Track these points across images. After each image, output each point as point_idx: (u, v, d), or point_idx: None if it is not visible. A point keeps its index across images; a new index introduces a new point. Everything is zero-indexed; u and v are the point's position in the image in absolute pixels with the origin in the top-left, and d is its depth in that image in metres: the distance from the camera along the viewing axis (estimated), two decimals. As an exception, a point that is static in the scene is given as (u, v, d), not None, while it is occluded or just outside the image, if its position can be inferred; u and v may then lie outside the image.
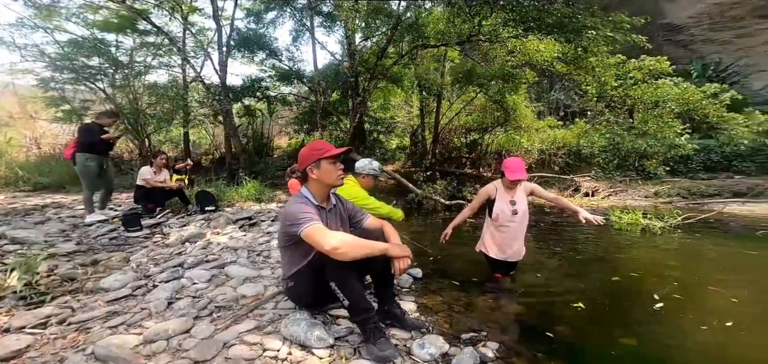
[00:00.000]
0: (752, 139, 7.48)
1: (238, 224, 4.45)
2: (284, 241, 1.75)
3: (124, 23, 9.23)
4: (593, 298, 2.56)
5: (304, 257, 1.69)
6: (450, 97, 11.36)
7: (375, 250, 1.59)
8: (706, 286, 2.80)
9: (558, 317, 2.28)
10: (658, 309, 2.36)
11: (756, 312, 2.39)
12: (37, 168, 7.95)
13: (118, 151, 10.67)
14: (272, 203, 6.93)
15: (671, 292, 2.65)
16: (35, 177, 7.49)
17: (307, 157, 1.78)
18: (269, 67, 11.79)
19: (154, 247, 3.38)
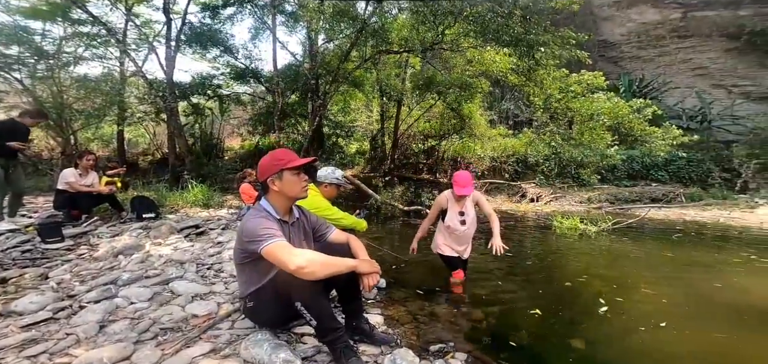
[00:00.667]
0: (668, 151, 8.59)
1: (184, 233, 4.06)
2: (241, 258, 1.59)
3: (55, 11, 8.12)
4: (548, 304, 2.68)
5: (265, 274, 1.55)
6: (410, 104, 11.55)
7: (343, 267, 1.51)
8: (639, 288, 3.08)
9: (517, 325, 2.36)
10: (603, 312, 2.54)
11: (683, 312, 2.67)
12: None
13: (35, 148, 9.29)
14: (222, 209, 6.48)
15: (613, 295, 2.88)
16: None
17: (268, 168, 1.63)
18: (223, 65, 11.10)
19: (80, 261, 2.94)
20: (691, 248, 5.09)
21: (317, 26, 9.75)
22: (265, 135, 12.18)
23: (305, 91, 10.88)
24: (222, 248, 3.48)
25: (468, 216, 3.01)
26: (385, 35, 8.34)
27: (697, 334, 2.30)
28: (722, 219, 7.87)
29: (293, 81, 10.52)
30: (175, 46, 9.17)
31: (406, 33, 8.76)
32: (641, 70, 16.52)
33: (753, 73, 14.45)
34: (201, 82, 10.65)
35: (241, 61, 10.75)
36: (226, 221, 4.95)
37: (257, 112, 11.98)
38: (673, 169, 11.21)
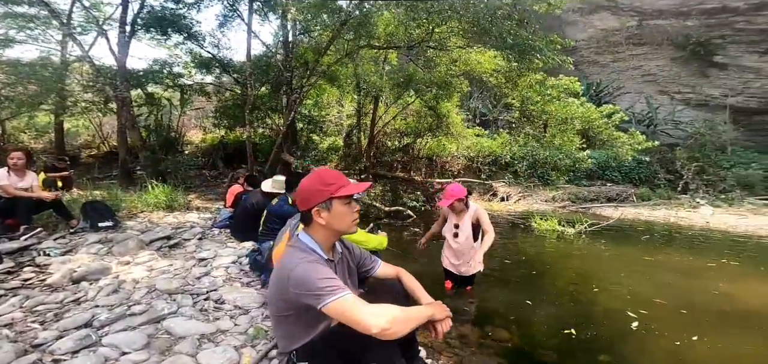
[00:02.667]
0: (633, 156, 9.23)
1: (154, 245, 3.51)
2: (283, 309, 1.25)
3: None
4: (569, 318, 2.62)
5: (313, 328, 1.24)
6: (387, 101, 11.31)
7: (423, 318, 1.26)
8: (652, 299, 3.12)
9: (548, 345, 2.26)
10: (635, 328, 2.51)
11: (705, 323, 2.69)
12: None
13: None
14: (190, 211, 5.84)
15: (630, 307, 2.87)
16: None
17: (313, 194, 1.29)
18: (186, 52, 10.09)
19: (29, 290, 2.37)
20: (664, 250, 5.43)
21: (295, 16, 9.17)
22: (232, 129, 11.32)
23: (277, 84, 10.24)
24: (208, 265, 3.03)
25: (462, 231, 3.00)
26: (369, 29, 8.02)
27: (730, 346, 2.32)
28: (672, 219, 8.57)
29: (264, 73, 9.84)
30: (130, 30, 8.12)
31: (391, 28, 8.47)
32: (597, 75, 17.66)
33: (693, 81, 16.01)
34: (158, 70, 9.60)
35: (207, 50, 9.86)
36: (200, 229, 4.41)
37: (223, 104, 11.08)
38: (624, 170, 12.11)
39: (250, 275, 2.93)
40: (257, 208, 3.76)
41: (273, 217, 3.14)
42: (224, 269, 2.98)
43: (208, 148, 11.53)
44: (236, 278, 2.84)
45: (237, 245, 3.68)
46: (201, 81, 11.30)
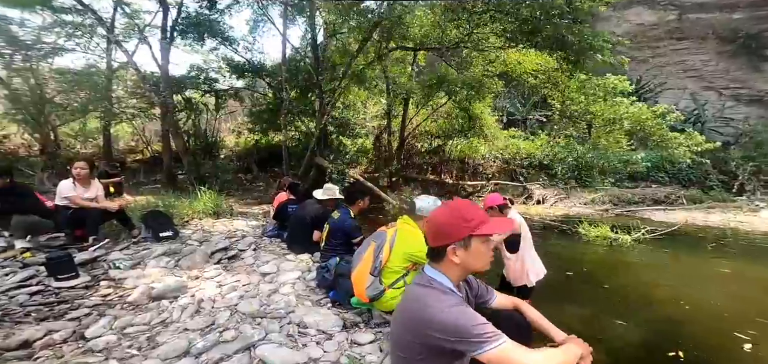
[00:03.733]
0: (692, 158, 8.63)
1: (214, 258, 3.52)
2: (419, 352, 1.15)
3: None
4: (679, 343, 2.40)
5: None
6: (418, 102, 11.17)
7: (575, 359, 1.17)
8: (754, 318, 2.83)
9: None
10: (749, 351, 2.28)
11: None
12: None
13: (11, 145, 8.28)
14: (234, 218, 5.88)
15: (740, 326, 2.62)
16: None
17: (451, 231, 1.18)
18: (220, 58, 10.32)
19: (108, 307, 2.39)
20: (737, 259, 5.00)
21: (328, 19, 9.19)
22: (265, 133, 11.50)
23: (306, 87, 10.30)
24: (273, 281, 2.99)
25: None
26: (402, 31, 7.91)
27: None
28: (732, 223, 7.98)
29: (294, 76, 9.92)
30: (170, 36, 8.36)
31: (427, 29, 8.32)
32: (635, 72, 16.78)
33: (744, 76, 14.94)
34: (195, 75, 9.86)
35: (240, 54, 10.05)
36: (252, 238, 4.40)
37: (257, 109, 11.28)
38: (672, 171, 11.38)
39: (318, 293, 2.86)
40: (313, 219, 3.71)
41: (337, 232, 3.07)
42: (291, 286, 2.92)
43: (242, 152, 11.74)
44: (305, 296, 2.77)
45: (294, 257, 3.64)
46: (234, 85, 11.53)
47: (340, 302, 2.58)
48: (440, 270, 1.22)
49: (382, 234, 2.24)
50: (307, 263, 3.43)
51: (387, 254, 2.13)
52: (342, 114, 12.76)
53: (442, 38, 7.84)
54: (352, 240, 3.12)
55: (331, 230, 3.09)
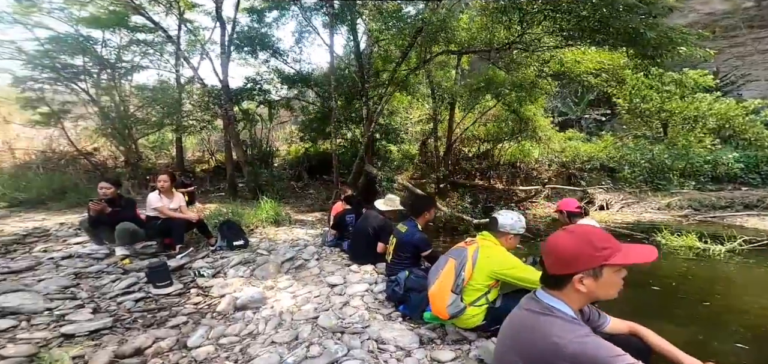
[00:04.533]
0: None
1: (284, 267, 3.68)
2: None
3: (115, 19, 8.08)
4: None
5: None
6: (464, 106, 10.92)
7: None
8: None
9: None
10: None
11: None
12: (13, 181, 6.68)
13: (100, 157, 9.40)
14: (293, 226, 6.12)
15: None
16: (11, 192, 6.25)
17: (580, 258, 1.11)
18: (271, 70, 10.89)
19: (203, 317, 2.57)
20: None
21: (372, 27, 9.33)
22: (315, 141, 11.90)
23: (351, 95, 10.51)
24: (343, 293, 3.05)
25: None
26: (447, 35, 7.78)
27: None
28: None
29: (340, 84, 10.16)
30: (228, 50, 9.01)
31: (474, 32, 8.12)
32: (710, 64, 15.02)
33: None
34: (251, 87, 10.48)
35: (290, 65, 10.52)
36: (313, 247, 4.54)
37: (307, 118, 11.72)
38: (766, 172, 9.90)
39: (387, 306, 2.88)
40: (376, 230, 3.74)
41: (405, 246, 3.07)
42: (360, 299, 2.96)
43: (293, 161, 12.23)
44: (375, 309, 2.80)
45: (357, 268, 3.69)
46: (285, 96, 12.07)
47: (411, 316, 2.59)
48: (560, 298, 1.15)
49: (461, 251, 2.21)
50: (373, 275, 3.47)
51: (469, 271, 2.11)
52: (387, 120, 12.86)
53: (491, 40, 7.59)
54: (422, 253, 3.11)
55: (398, 244, 3.09)
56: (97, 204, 3.57)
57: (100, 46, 8.46)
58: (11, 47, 7.33)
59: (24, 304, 2.46)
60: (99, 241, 3.77)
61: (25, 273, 3.08)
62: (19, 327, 2.23)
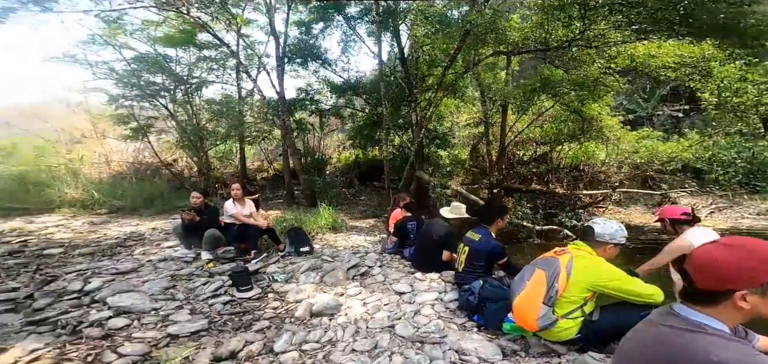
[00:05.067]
0: None
1: (350, 273, 3.75)
2: None
3: (185, 38, 8.99)
4: None
5: None
6: (518, 107, 10.44)
7: None
8: None
9: None
10: None
11: None
12: (111, 190, 7.71)
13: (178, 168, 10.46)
14: (350, 233, 6.25)
15: None
16: (110, 200, 7.21)
17: (747, 273, 0.99)
18: (321, 80, 11.35)
19: (282, 322, 2.70)
20: None
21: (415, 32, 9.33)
22: (364, 148, 12.14)
23: (397, 101, 10.57)
24: (413, 301, 3.03)
25: None
26: (500, 36, 7.51)
27: None
28: None
29: (387, 91, 10.25)
30: (283, 63, 9.56)
31: (528, 31, 7.75)
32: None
33: None
34: (303, 98, 10.99)
35: (338, 74, 10.88)
36: (374, 255, 4.58)
37: (356, 125, 12.00)
38: None
39: (460, 315, 2.81)
40: (442, 238, 3.69)
41: (479, 254, 2.99)
42: (431, 307, 2.93)
43: (344, 168, 12.57)
44: (447, 318, 2.74)
45: (422, 276, 3.64)
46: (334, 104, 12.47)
47: (487, 327, 2.52)
48: (713, 315, 1.01)
49: (552, 261, 2.13)
50: (440, 283, 3.41)
51: (563, 283, 2.03)
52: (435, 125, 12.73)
53: (547, 39, 7.16)
54: (497, 262, 3.03)
55: (471, 252, 3.01)
56: (189, 214, 3.95)
57: (174, 63, 9.47)
58: (104, 67, 8.47)
59: (135, 304, 2.77)
60: (188, 245, 4.16)
61: (130, 274, 3.49)
62: (132, 326, 2.52)
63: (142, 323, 2.56)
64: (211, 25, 8.81)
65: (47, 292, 3.02)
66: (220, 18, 9.01)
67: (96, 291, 3.01)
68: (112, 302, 2.76)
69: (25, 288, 3.10)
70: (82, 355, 2.10)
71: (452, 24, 7.87)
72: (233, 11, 9.14)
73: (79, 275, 3.42)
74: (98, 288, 3.07)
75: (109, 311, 2.66)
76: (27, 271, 3.57)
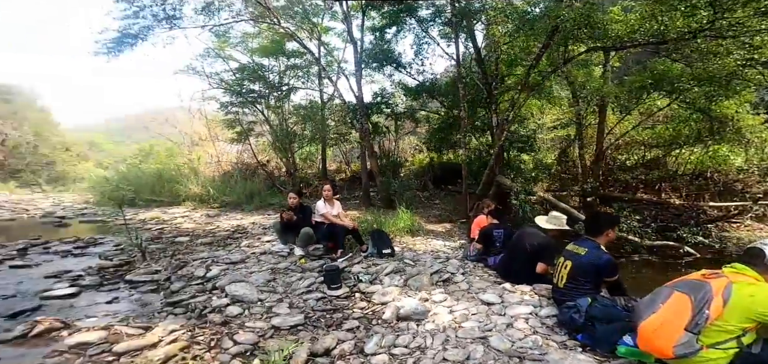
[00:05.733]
0: None
1: (432, 279, 3.68)
2: None
3: (276, 47, 10.06)
4: None
5: None
6: (621, 107, 9.13)
7: None
8: None
9: None
10: None
11: None
12: (222, 187, 9.03)
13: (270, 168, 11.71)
14: (429, 237, 6.16)
15: None
16: (221, 196, 8.45)
17: None
18: (395, 84, 11.51)
19: (369, 322, 2.76)
20: None
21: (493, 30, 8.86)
22: (439, 151, 11.95)
23: (474, 103, 10.13)
24: (504, 313, 2.85)
25: None
26: (596, 31, 6.66)
27: None
28: None
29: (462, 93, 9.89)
30: (361, 68, 9.95)
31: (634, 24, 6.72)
32: None
33: None
34: (378, 101, 11.27)
35: (413, 76, 10.89)
36: (456, 261, 4.43)
37: (431, 128, 11.89)
38: None
39: (559, 332, 2.56)
40: (537, 249, 3.41)
41: (586, 270, 2.69)
42: (525, 321, 2.71)
43: (418, 171, 12.54)
44: (545, 335, 2.51)
45: (511, 287, 3.40)
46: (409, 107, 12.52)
47: (595, 348, 2.30)
48: None
49: (700, 285, 1.90)
50: (533, 297, 3.14)
51: (718, 310, 1.80)
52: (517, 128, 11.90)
53: (663, 31, 6.08)
54: (608, 279, 2.70)
55: (576, 267, 2.72)
56: (288, 214, 4.35)
57: (267, 72, 10.64)
58: (216, 78, 9.95)
59: (246, 294, 3.13)
60: (284, 241, 4.58)
61: (239, 265, 3.97)
62: (244, 315, 2.84)
63: (251, 312, 2.87)
64: (297, 33, 9.71)
65: (180, 276, 3.60)
66: (303, 27, 9.87)
67: (216, 279, 3.49)
68: (229, 291, 3.17)
69: (164, 271, 3.75)
70: (207, 339, 2.42)
71: (535, 20, 7.25)
72: (313, 21, 9.91)
73: (202, 263, 4.02)
74: (216, 276, 3.56)
75: (226, 299, 3.05)
76: (165, 255, 4.32)
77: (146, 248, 4.72)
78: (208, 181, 9.53)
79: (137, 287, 3.55)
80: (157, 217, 6.73)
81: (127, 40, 7.76)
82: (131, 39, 7.75)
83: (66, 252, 5.20)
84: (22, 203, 11.74)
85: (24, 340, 2.40)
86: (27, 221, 8.30)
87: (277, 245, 4.65)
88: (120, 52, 7.92)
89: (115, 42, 7.78)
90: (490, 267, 4.12)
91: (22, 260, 4.69)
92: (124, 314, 2.87)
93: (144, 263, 4.20)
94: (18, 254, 4.94)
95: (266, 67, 10.69)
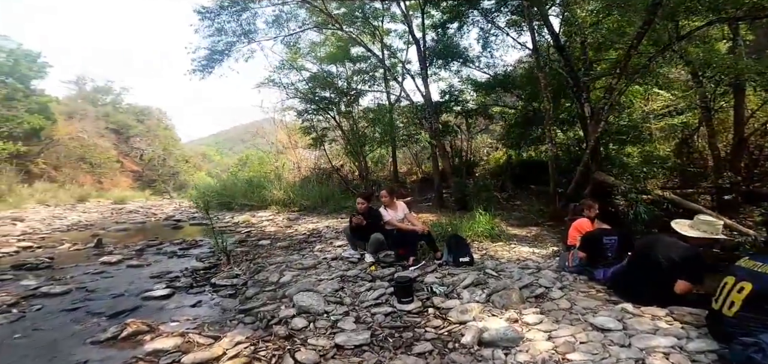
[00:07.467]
0: None
1: (523, 294, 3.08)
2: None
3: (341, 54, 10.30)
4: None
5: None
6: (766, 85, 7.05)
7: None
8: None
9: None
10: None
11: None
12: (301, 191, 9.62)
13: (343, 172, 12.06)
14: (512, 243, 5.40)
15: None
16: (300, 200, 8.98)
17: None
18: (463, 80, 10.81)
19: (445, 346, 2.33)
20: None
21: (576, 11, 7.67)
22: (518, 147, 10.83)
23: (557, 94, 8.87)
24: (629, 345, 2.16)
25: None
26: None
27: None
28: None
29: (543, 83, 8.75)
30: (426, 67, 9.50)
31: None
32: None
33: None
34: (448, 98, 10.67)
35: (483, 71, 10.10)
36: (550, 273, 3.69)
37: (508, 124, 10.89)
38: None
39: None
40: (676, 263, 2.58)
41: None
42: (664, 357, 2.00)
43: (494, 170, 11.57)
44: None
45: (635, 308, 2.62)
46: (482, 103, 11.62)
47: None
48: None
49: None
50: (674, 324, 2.35)
51: None
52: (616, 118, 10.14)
53: None
54: None
55: (759, 292, 1.92)
56: (357, 218, 4.19)
57: (336, 78, 10.97)
58: (291, 88, 10.61)
59: (312, 305, 2.97)
60: (354, 247, 4.43)
61: (310, 270, 3.90)
62: (308, 328, 2.65)
63: (316, 326, 2.68)
64: (359, 37, 9.76)
65: (256, 281, 3.65)
66: (365, 31, 9.89)
67: (287, 286, 3.43)
68: (296, 301, 3.04)
69: (243, 275, 3.86)
70: (269, 355, 2.28)
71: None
72: (374, 24, 9.83)
73: (276, 268, 4.05)
74: (289, 282, 3.50)
75: (293, 310, 2.92)
76: (246, 259, 4.51)
77: (231, 252, 5.02)
78: (290, 186, 10.16)
79: (219, 290, 3.70)
80: (247, 220, 7.36)
81: (215, 56, 8.78)
82: (219, 55, 8.75)
83: (172, 253, 5.83)
84: (153, 208, 14.10)
85: (114, 342, 2.57)
86: (154, 223, 9.83)
87: (347, 251, 4.50)
88: (211, 70, 9.00)
89: (206, 59, 8.86)
90: (598, 281, 3.34)
91: (138, 259, 5.37)
92: (202, 320, 2.95)
93: (227, 267, 4.43)
94: (136, 255, 5.70)
95: (334, 74, 11.05)
